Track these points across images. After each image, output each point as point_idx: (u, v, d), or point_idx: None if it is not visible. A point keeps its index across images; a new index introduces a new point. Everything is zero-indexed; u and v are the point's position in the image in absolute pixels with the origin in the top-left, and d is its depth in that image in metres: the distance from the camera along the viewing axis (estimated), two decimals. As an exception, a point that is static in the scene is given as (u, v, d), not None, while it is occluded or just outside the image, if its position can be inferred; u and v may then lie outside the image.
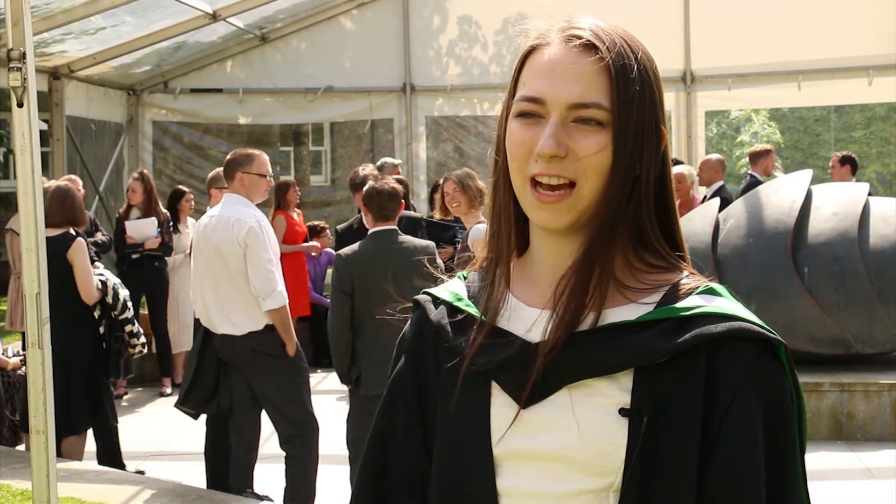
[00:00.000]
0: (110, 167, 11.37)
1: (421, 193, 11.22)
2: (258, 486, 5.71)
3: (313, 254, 10.23)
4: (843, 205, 7.55)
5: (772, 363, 1.24)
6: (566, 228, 1.28)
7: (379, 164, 8.95)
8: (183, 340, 8.96)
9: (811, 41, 10.93)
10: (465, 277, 1.44)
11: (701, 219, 7.84)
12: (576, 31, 1.28)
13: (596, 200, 1.26)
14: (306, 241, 9.97)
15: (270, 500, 5.71)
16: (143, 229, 8.74)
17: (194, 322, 6.25)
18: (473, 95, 12.00)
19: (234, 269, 5.36)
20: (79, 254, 6.01)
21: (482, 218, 5.91)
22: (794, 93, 11.42)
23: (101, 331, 6.10)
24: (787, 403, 1.24)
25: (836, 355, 7.35)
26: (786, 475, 1.23)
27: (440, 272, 1.56)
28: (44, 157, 7.44)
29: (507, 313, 1.33)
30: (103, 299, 6.10)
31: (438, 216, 7.10)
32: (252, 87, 11.83)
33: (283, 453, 5.55)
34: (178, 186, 9.86)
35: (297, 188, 10.15)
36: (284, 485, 5.52)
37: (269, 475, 5.92)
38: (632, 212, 1.29)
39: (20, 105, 3.68)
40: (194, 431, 6.53)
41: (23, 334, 7.16)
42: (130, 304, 6.28)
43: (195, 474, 6.05)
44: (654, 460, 1.21)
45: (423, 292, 1.45)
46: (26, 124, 3.69)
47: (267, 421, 5.61)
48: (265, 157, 5.62)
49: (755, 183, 9.43)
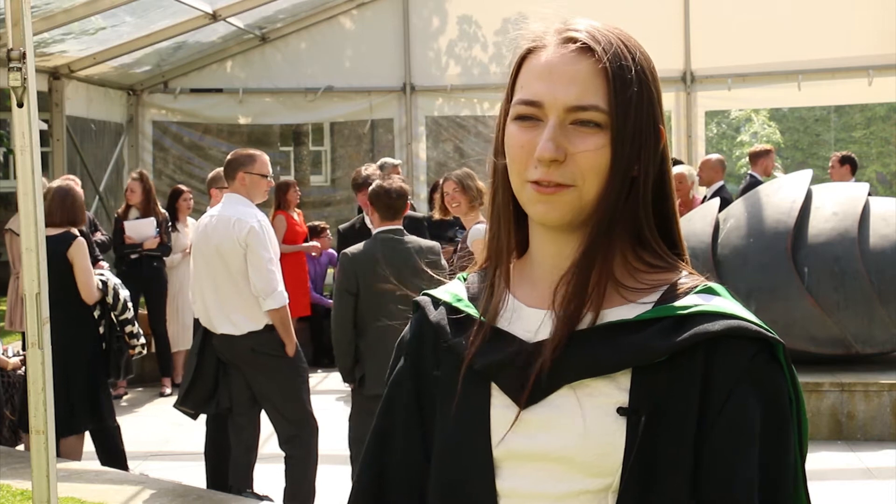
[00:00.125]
0: (110, 167, 11.38)
1: (421, 193, 11.22)
2: (258, 486, 5.71)
3: (313, 254, 10.23)
4: (843, 205, 7.55)
5: (770, 362, 1.24)
6: (565, 226, 1.28)
7: (379, 164, 8.95)
8: (182, 339, 8.95)
9: (811, 41, 10.93)
10: (465, 278, 1.44)
11: (701, 219, 7.84)
12: (572, 33, 1.28)
13: (594, 201, 1.26)
14: (306, 241, 9.97)
15: (270, 500, 5.71)
16: (142, 229, 8.74)
17: (194, 322, 6.24)
18: (473, 95, 12.00)
19: (235, 269, 5.36)
20: (79, 253, 6.00)
21: (482, 218, 5.91)
22: (794, 93, 11.42)
23: (101, 331, 6.10)
24: (784, 403, 1.24)
25: (836, 355, 7.35)
26: (783, 475, 1.22)
27: (445, 273, 1.56)
28: (44, 157, 7.45)
29: (507, 314, 1.33)
30: (103, 299, 6.10)
31: (438, 216, 7.09)
32: (252, 87, 11.83)
33: (283, 453, 5.55)
34: (178, 186, 9.86)
35: (298, 188, 10.15)
36: (284, 485, 5.52)
37: (269, 475, 5.92)
38: (630, 212, 1.29)
39: (20, 105, 3.68)
40: (194, 431, 6.53)
41: (23, 334, 7.16)
42: (131, 304, 6.28)
43: (195, 474, 6.05)
44: (652, 460, 1.21)
45: (423, 293, 1.45)
46: (26, 124, 3.69)
47: (267, 421, 5.61)
48: (266, 157, 5.63)
49: (755, 183, 9.43)
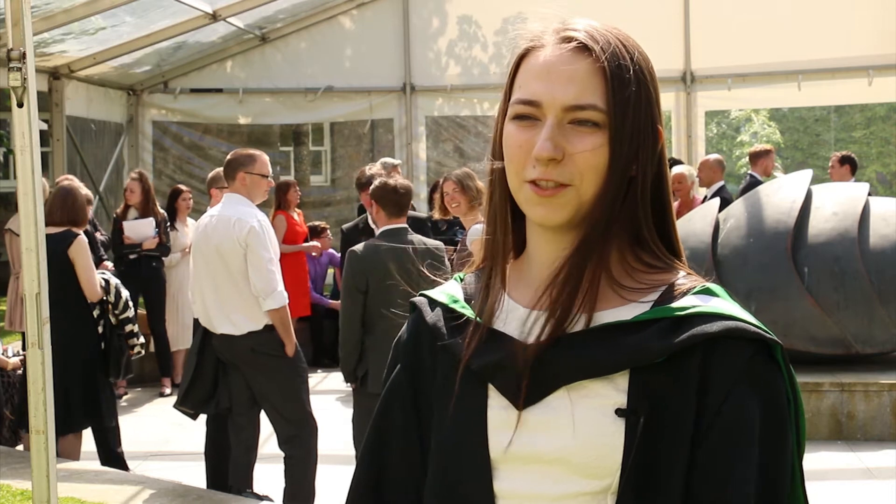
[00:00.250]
0: (110, 167, 11.38)
1: (421, 193, 11.21)
2: (258, 486, 5.71)
3: (314, 254, 10.23)
4: (843, 205, 7.55)
5: (767, 363, 1.23)
6: (562, 226, 1.28)
7: (379, 164, 8.95)
8: (182, 339, 8.95)
9: (811, 41, 10.93)
10: (462, 279, 1.44)
11: (701, 219, 7.84)
12: (570, 33, 1.27)
13: (592, 200, 1.26)
14: (307, 241, 9.96)
15: (270, 500, 5.71)
16: (141, 229, 8.74)
17: (194, 322, 6.24)
18: (473, 95, 12.00)
19: (235, 269, 5.36)
20: (80, 252, 5.98)
21: (481, 218, 5.91)
22: (794, 93, 11.42)
23: (100, 330, 6.09)
24: (782, 403, 1.23)
25: (836, 355, 7.35)
26: (781, 476, 1.22)
27: (449, 273, 1.56)
28: (44, 157, 7.44)
29: (503, 315, 1.33)
30: (103, 299, 6.09)
31: (437, 216, 7.09)
32: (252, 87, 11.83)
33: (283, 453, 5.55)
34: (177, 186, 9.86)
35: (298, 188, 10.15)
36: (284, 485, 5.52)
37: (269, 475, 5.92)
38: (627, 212, 1.28)
39: (20, 105, 3.68)
40: (194, 431, 6.53)
41: (23, 334, 7.16)
42: (131, 303, 6.28)
43: (195, 474, 6.05)
44: (650, 461, 1.21)
45: (420, 294, 1.44)
46: (26, 124, 3.69)
47: (267, 421, 5.61)
48: (266, 157, 5.64)
49: (755, 183, 9.43)
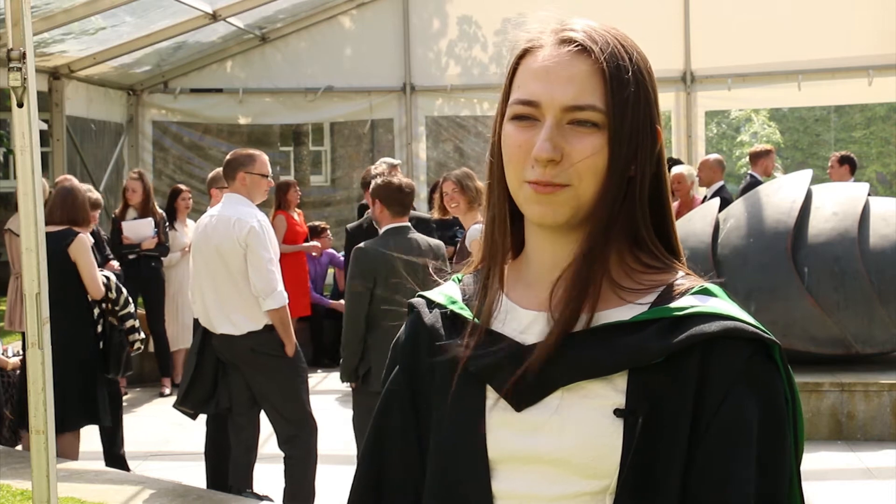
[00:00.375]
0: (110, 167, 11.38)
1: (421, 193, 11.20)
2: (258, 486, 5.71)
3: (314, 254, 10.23)
4: (843, 205, 7.55)
5: (766, 363, 1.23)
6: (561, 226, 1.27)
7: (384, 164, 8.94)
8: (182, 338, 8.94)
9: (811, 41, 10.93)
10: (460, 280, 1.44)
11: (701, 219, 7.84)
12: (569, 33, 1.27)
13: (591, 201, 1.26)
14: (307, 241, 9.96)
15: (270, 500, 5.71)
16: (140, 230, 8.73)
17: (194, 322, 6.24)
18: (473, 95, 12.00)
19: (235, 269, 5.36)
20: (82, 250, 5.97)
21: (480, 218, 5.92)
22: (794, 93, 11.42)
23: (100, 329, 6.08)
24: (781, 404, 1.23)
25: (836, 355, 7.35)
26: (779, 476, 1.22)
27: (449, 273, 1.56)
28: (44, 157, 7.45)
29: (501, 316, 1.33)
30: (105, 297, 6.08)
31: (437, 216, 7.09)
32: (252, 87, 11.83)
33: (283, 453, 5.55)
34: (177, 185, 9.86)
35: (298, 188, 10.15)
36: (284, 485, 5.52)
37: (269, 475, 5.92)
38: (627, 212, 1.28)
39: (20, 105, 3.68)
40: (194, 431, 6.53)
41: (23, 334, 7.16)
42: (131, 299, 6.28)
43: (195, 474, 6.05)
44: (649, 461, 1.20)
45: (418, 295, 1.44)
46: (26, 124, 3.69)
47: (267, 421, 5.61)
48: (265, 157, 5.64)
49: (755, 183, 9.43)
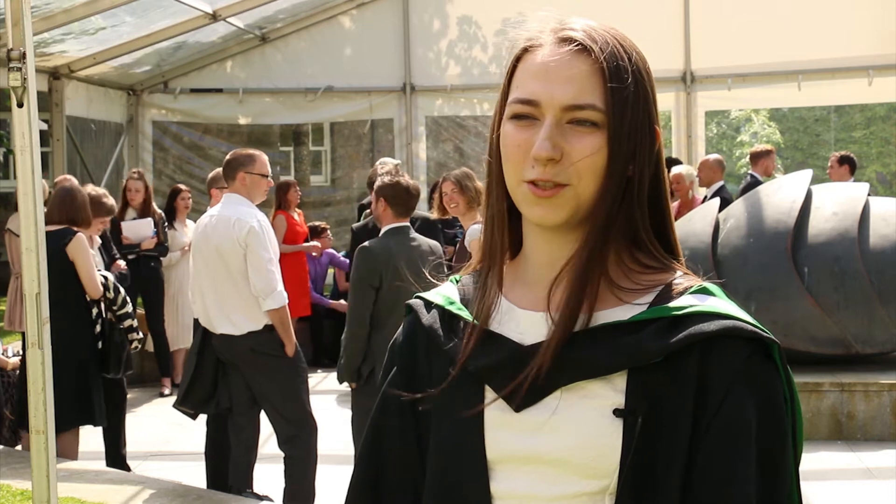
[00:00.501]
0: (110, 167, 11.37)
1: (421, 193, 11.21)
2: (258, 486, 5.71)
3: (314, 254, 10.22)
4: (843, 205, 7.55)
5: (765, 363, 1.23)
6: (560, 226, 1.27)
7: (378, 163, 8.93)
8: (182, 338, 8.94)
9: (811, 41, 10.93)
10: (458, 280, 1.44)
11: (701, 219, 7.84)
12: (569, 33, 1.27)
13: (590, 200, 1.26)
14: (307, 241, 9.96)
15: (270, 500, 5.71)
16: (140, 230, 8.72)
17: (194, 322, 6.24)
18: (473, 95, 12.00)
19: (234, 269, 5.36)
20: (80, 249, 5.95)
21: (479, 218, 5.92)
22: (794, 93, 11.41)
23: (98, 329, 6.07)
24: (779, 403, 1.23)
25: (836, 355, 7.35)
26: (779, 476, 1.22)
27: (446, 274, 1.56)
28: (44, 157, 7.45)
29: (499, 316, 1.32)
30: (103, 296, 6.07)
31: (436, 216, 7.09)
32: (252, 87, 11.83)
33: (283, 453, 5.55)
34: (177, 185, 9.85)
35: (298, 188, 10.15)
36: (284, 485, 5.52)
37: (269, 475, 5.92)
38: (625, 212, 1.28)
39: (20, 105, 3.68)
40: (194, 431, 6.53)
41: (23, 334, 7.15)
42: (129, 298, 6.27)
43: (195, 474, 6.05)
44: (649, 461, 1.20)
45: (416, 296, 1.44)
46: (26, 124, 3.69)
47: (267, 421, 5.61)
48: (265, 157, 5.65)
49: (755, 183, 9.43)
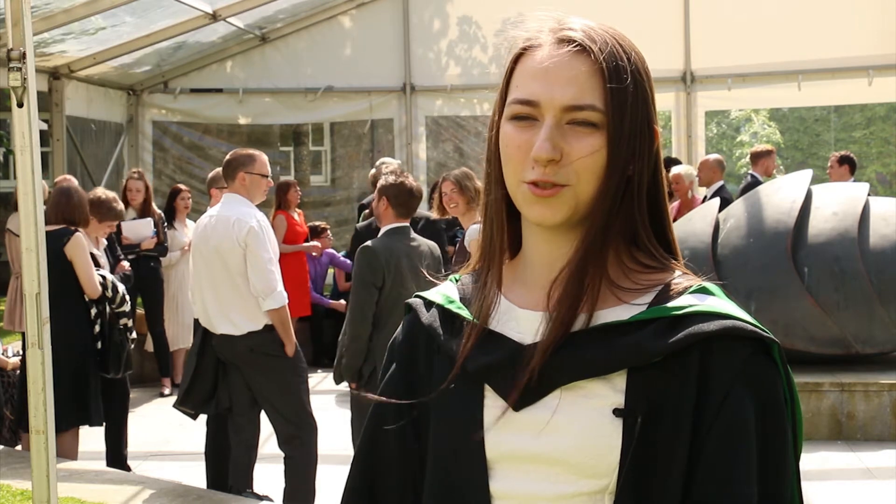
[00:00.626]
0: (110, 167, 11.37)
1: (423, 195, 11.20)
2: (258, 486, 5.71)
3: (314, 254, 10.22)
4: (843, 205, 7.55)
5: (765, 362, 1.23)
6: (560, 226, 1.27)
7: (378, 164, 8.94)
8: (182, 338, 8.94)
9: (811, 41, 10.93)
10: (458, 280, 1.44)
11: (701, 219, 7.84)
12: (568, 33, 1.27)
13: (590, 200, 1.26)
14: (307, 241, 9.96)
15: (270, 500, 5.71)
16: (140, 230, 8.72)
17: (194, 322, 6.24)
18: (473, 95, 12.00)
19: (234, 269, 5.36)
20: (78, 249, 5.94)
21: (479, 218, 5.92)
22: (794, 93, 11.41)
23: (98, 329, 6.06)
24: (780, 403, 1.23)
25: (836, 355, 7.35)
26: (780, 475, 1.22)
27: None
28: (44, 157, 7.44)
29: (499, 316, 1.32)
30: (102, 296, 6.06)
31: (436, 216, 7.09)
32: (252, 87, 11.83)
33: (283, 453, 5.55)
34: (177, 185, 9.85)
35: (298, 188, 10.15)
36: (284, 485, 5.52)
37: (269, 475, 5.92)
38: (625, 212, 1.28)
39: (20, 105, 3.68)
40: (194, 431, 6.53)
41: (23, 334, 7.15)
42: (128, 296, 6.26)
43: (195, 474, 6.05)
44: (648, 461, 1.20)
45: (415, 295, 1.44)
46: (26, 124, 3.69)
47: (267, 421, 5.61)
48: (265, 157, 5.65)
49: (755, 183, 9.43)
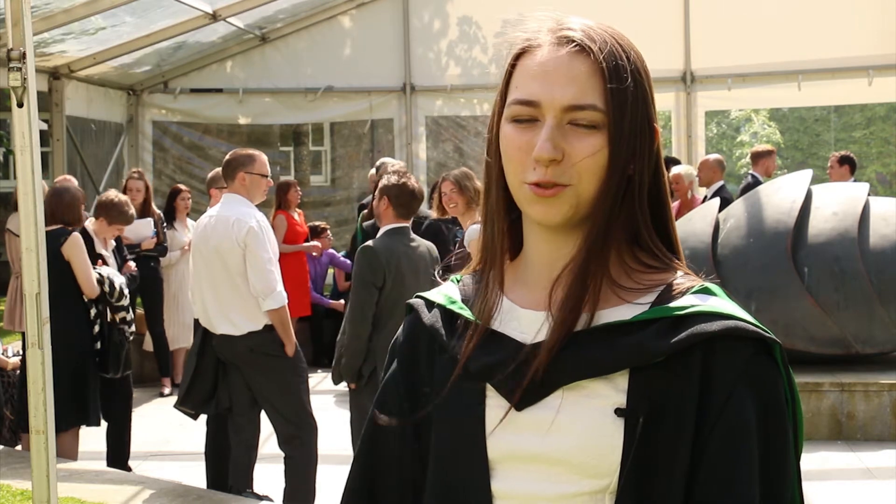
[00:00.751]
0: (110, 167, 11.38)
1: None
2: (258, 486, 5.71)
3: (314, 254, 10.22)
4: (843, 205, 7.55)
5: (767, 363, 1.23)
6: (561, 225, 1.27)
7: (378, 164, 8.94)
8: (182, 337, 8.94)
9: (811, 41, 10.93)
10: (459, 280, 1.43)
11: (701, 219, 7.84)
12: (567, 33, 1.27)
13: (592, 200, 1.25)
14: (307, 241, 9.96)
15: (270, 500, 5.71)
16: (140, 230, 8.70)
17: (194, 322, 6.24)
18: (473, 96, 12.00)
19: (234, 269, 5.36)
20: (75, 249, 5.93)
21: (479, 218, 5.92)
22: (794, 93, 11.42)
23: (97, 329, 6.06)
24: (782, 404, 1.23)
25: (836, 355, 7.35)
26: (781, 475, 1.22)
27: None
28: (44, 157, 7.44)
29: (501, 316, 1.32)
30: (102, 296, 6.05)
31: (435, 215, 7.10)
32: (252, 87, 11.83)
33: (283, 453, 5.55)
34: (176, 185, 9.85)
35: (298, 188, 10.15)
36: (284, 485, 5.52)
37: (269, 475, 5.92)
38: (626, 211, 1.28)
39: (20, 105, 3.68)
40: (194, 431, 6.53)
41: (23, 334, 7.15)
42: (127, 291, 6.25)
43: (195, 474, 6.05)
44: (650, 461, 1.20)
45: (416, 295, 1.44)
46: (26, 124, 3.69)
47: (267, 421, 5.61)
48: (265, 157, 5.65)
49: (755, 183, 9.43)
